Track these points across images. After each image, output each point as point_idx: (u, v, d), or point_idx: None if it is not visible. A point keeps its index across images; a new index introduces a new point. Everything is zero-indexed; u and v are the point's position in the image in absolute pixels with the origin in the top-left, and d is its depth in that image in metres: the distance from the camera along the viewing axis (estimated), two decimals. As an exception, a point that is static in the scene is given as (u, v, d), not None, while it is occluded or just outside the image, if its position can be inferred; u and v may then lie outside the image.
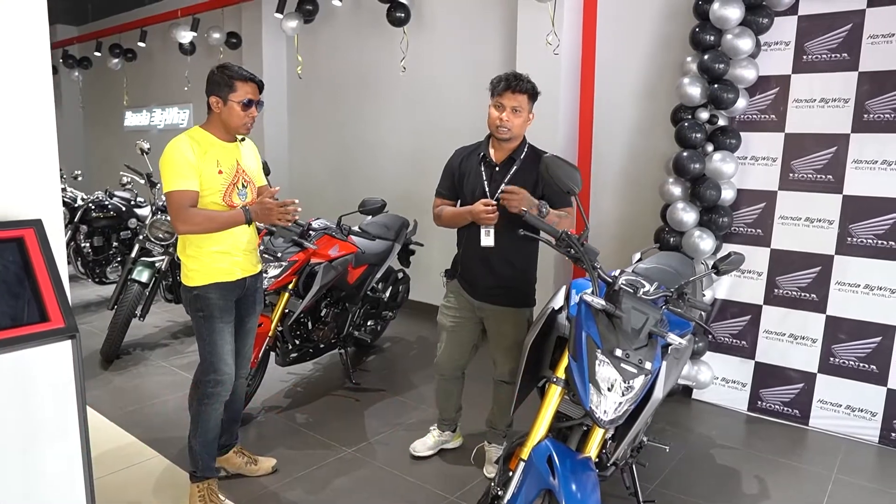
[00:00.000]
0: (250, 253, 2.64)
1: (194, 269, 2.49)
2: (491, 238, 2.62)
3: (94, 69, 9.27)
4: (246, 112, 2.47)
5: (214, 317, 2.50)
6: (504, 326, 2.76)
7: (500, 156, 2.69)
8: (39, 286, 1.72)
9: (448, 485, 2.87)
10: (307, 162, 6.64)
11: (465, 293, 2.82)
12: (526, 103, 2.61)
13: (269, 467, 2.93)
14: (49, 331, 1.68)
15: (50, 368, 1.73)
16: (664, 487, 2.86)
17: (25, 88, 1.81)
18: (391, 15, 5.15)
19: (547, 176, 2.02)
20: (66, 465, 1.82)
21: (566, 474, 1.81)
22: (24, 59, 1.81)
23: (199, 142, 2.43)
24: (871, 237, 3.33)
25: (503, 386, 2.85)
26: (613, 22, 4.32)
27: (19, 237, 1.75)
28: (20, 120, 1.80)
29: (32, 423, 1.78)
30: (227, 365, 2.55)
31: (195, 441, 2.59)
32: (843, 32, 3.37)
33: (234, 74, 2.44)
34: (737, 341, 3.70)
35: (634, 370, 1.84)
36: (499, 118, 2.59)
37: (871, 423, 3.32)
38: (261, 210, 2.45)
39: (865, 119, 3.33)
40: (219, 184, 2.44)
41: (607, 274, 2.07)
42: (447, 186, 2.83)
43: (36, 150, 1.84)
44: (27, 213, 1.81)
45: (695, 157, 3.54)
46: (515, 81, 2.57)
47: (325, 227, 3.65)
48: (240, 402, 2.88)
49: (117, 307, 4.30)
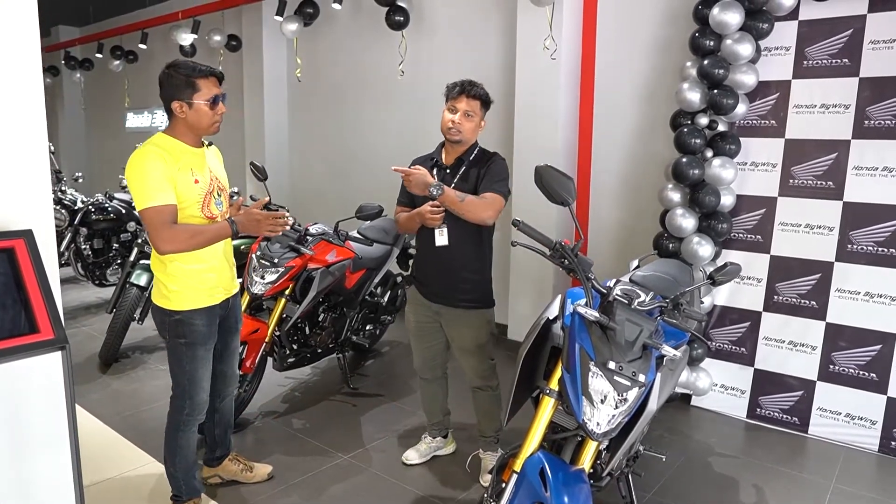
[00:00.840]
0: (230, 269, 2.51)
1: (176, 291, 2.29)
2: (445, 237, 2.68)
3: (96, 71, 9.28)
4: (214, 110, 2.28)
5: (198, 344, 2.34)
6: (462, 329, 2.79)
7: (450, 159, 2.77)
8: (29, 297, 1.72)
9: (443, 492, 2.86)
10: (307, 165, 6.64)
11: (422, 298, 2.85)
12: (479, 109, 2.70)
13: (264, 474, 2.91)
14: (39, 342, 1.68)
15: (40, 379, 1.72)
16: (661, 497, 2.85)
17: (16, 98, 1.81)
18: (390, 18, 5.14)
19: (540, 186, 2.01)
20: (57, 475, 1.81)
21: (558, 487, 1.79)
22: (15, 69, 1.80)
23: (168, 150, 2.21)
24: (872, 244, 3.31)
25: (478, 392, 2.89)
26: (613, 26, 4.30)
27: (10, 248, 1.74)
28: (11, 130, 1.80)
29: (23, 433, 1.78)
30: (204, 392, 2.44)
31: (177, 469, 2.51)
32: (844, 38, 3.35)
33: (193, 72, 2.22)
34: (736, 348, 3.68)
35: (628, 383, 1.83)
36: (451, 121, 2.66)
37: (871, 432, 3.29)
38: (249, 221, 2.31)
39: (866, 125, 3.31)
40: (196, 194, 2.25)
41: (602, 284, 2.06)
42: (405, 194, 2.87)
43: (27, 160, 1.84)
44: (18, 223, 1.81)
45: (694, 163, 3.52)
46: (470, 87, 2.67)
47: (322, 233, 3.64)
48: (230, 415, 2.83)
49: (116, 311, 4.30)
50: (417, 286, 2.88)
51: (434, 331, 2.88)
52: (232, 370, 2.70)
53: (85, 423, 3.35)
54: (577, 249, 1.99)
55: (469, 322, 2.77)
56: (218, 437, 2.79)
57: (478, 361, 2.81)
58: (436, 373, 2.99)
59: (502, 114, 4.85)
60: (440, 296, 2.79)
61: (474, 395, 2.91)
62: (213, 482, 2.85)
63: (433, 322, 2.86)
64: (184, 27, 6.82)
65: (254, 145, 6.75)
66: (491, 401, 2.89)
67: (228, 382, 2.70)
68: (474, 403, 2.94)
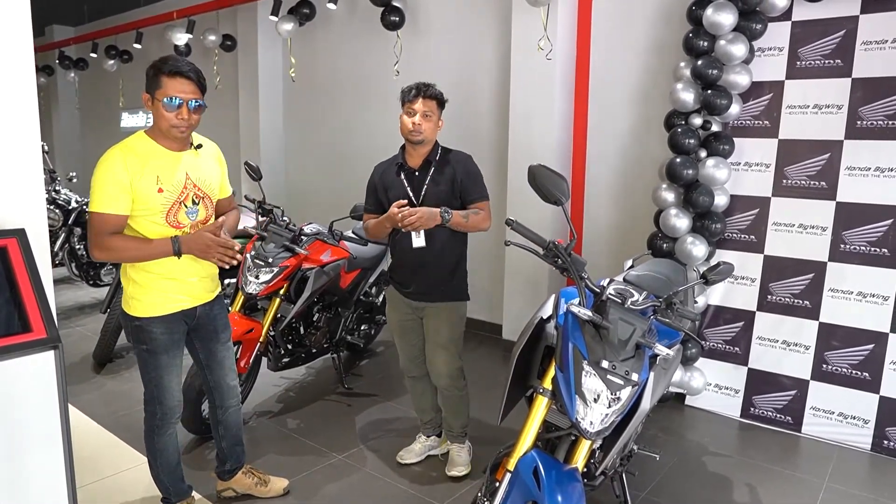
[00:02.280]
0: (205, 279, 2.37)
1: (136, 298, 2.23)
2: (422, 238, 2.72)
3: (91, 70, 9.26)
4: (173, 113, 2.11)
5: (159, 353, 2.27)
6: (440, 324, 2.83)
7: (416, 161, 2.81)
8: (22, 296, 1.71)
9: (437, 492, 2.86)
10: (302, 165, 6.64)
11: (402, 297, 2.88)
12: (435, 108, 2.76)
13: (280, 489, 2.81)
14: (31, 341, 1.67)
15: (32, 379, 1.72)
16: (655, 496, 2.86)
17: (8, 98, 1.80)
18: (385, 19, 5.14)
19: (533, 185, 2.01)
20: (50, 474, 1.81)
21: (552, 486, 1.79)
22: (8, 68, 1.79)
23: (137, 154, 2.12)
24: (865, 244, 3.33)
25: (445, 393, 2.94)
26: (607, 27, 4.31)
27: (2, 247, 1.74)
28: (3, 129, 1.79)
29: (16, 433, 1.77)
30: (173, 397, 2.37)
31: (161, 473, 2.48)
32: (837, 39, 3.36)
33: (162, 68, 2.11)
34: (730, 347, 3.69)
35: (621, 382, 1.83)
36: (412, 122, 2.72)
37: (864, 431, 3.31)
38: (196, 245, 2.17)
39: (859, 126, 3.32)
40: (159, 203, 2.15)
41: (595, 284, 2.06)
42: (372, 202, 2.91)
43: (19, 159, 1.83)
44: (10, 222, 1.80)
45: (688, 163, 3.53)
46: (425, 88, 2.75)
47: (316, 233, 3.64)
48: (237, 428, 2.70)
49: (110, 311, 4.28)
50: (397, 287, 2.91)
51: (416, 327, 2.93)
52: (226, 382, 2.57)
53: (78, 423, 3.34)
54: (570, 249, 1.99)
55: (447, 316, 2.83)
56: (226, 450, 2.70)
57: (449, 357, 2.85)
58: (422, 370, 3.01)
59: (497, 114, 4.86)
60: (421, 294, 2.83)
61: (442, 395, 2.98)
62: (226, 495, 2.78)
63: (414, 319, 2.91)
64: (179, 27, 6.80)
65: (248, 145, 6.74)
66: (458, 401, 2.96)
67: (226, 395, 2.59)
68: (442, 401, 3.01)
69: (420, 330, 2.93)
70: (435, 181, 2.78)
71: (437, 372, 2.89)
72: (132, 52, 8.02)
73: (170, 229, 2.20)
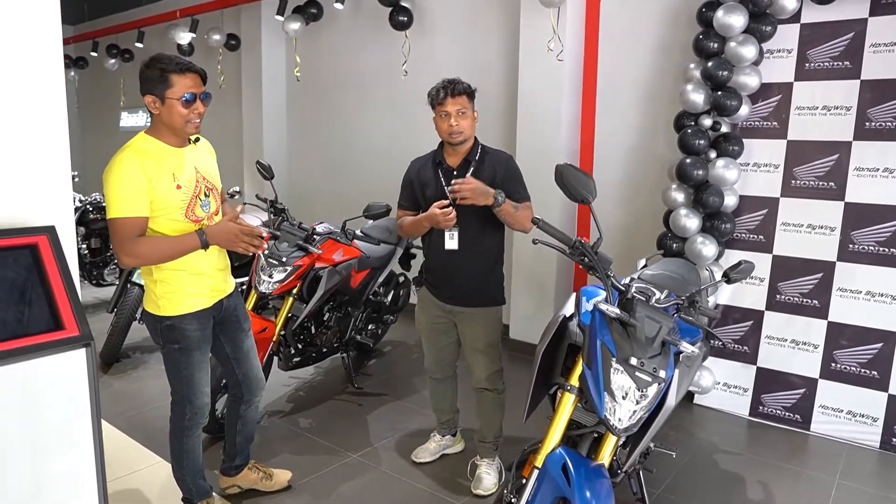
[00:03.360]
0: (224, 270, 2.41)
1: (165, 297, 2.23)
2: (455, 241, 2.65)
3: (91, 69, 9.21)
4: (189, 109, 2.15)
5: (192, 349, 2.28)
6: (477, 329, 2.76)
7: (456, 160, 2.73)
8: (53, 293, 1.71)
9: (456, 490, 2.87)
10: (306, 164, 6.63)
11: (434, 299, 2.82)
12: (467, 103, 2.65)
13: (284, 481, 2.83)
14: (64, 339, 1.67)
15: (65, 377, 1.72)
16: (670, 493, 2.88)
17: (38, 95, 1.80)
18: (394, 19, 5.15)
19: (560, 184, 2.02)
20: (80, 473, 1.81)
21: (581, 482, 1.81)
22: (37, 65, 1.80)
23: (150, 154, 2.13)
24: (873, 244, 3.36)
25: (484, 393, 2.82)
26: (615, 28, 4.34)
27: (33, 244, 1.73)
28: (33, 127, 1.79)
29: (47, 432, 1.77)
30: (204, 395, 2.38)
31: (183, 472, 2.47)
32: (846, 41, 3.40)
33: (168, 66, 2.12)
34: (739, 346, 3.72)
35: (649, 378, 1.85)
36: (449, 125, 2.62)
37: (873, 429, 3.34)
38: (223, 234, 2.18)
39: (867, 127, 3.36)
40: (178, 200, 2.17)
41: (619, 281, 2.08)
42: (407, 198, 2.85)
43: (48, 157, 1.83)
44: (40, 219, 1.80)
45: (698, 164, 3.56)
46: (451, 86, 2.63)
47: (329, 232, 3.64)
48: (254, 424, 2.71)
49: (117, 310, 4.27)
50: (430, 289, 2.84)
51: (447, 329, 2.86)
52: (254, 372, 2.58)
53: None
54: (597, 247, 2.01)
55: (482, 321, 2.76)
56: (240, 446, 2.70)
57: (488, 362, 2.78)
58: (446, 372, 2.98)
59: (505, 114, 4.88)
60: (455, 298, 2.76)
61: (479, 398, 2.86)
62: (230, 492, 2.77)
63: (446, 321, 2.84)
64: (182, 26, 6.78)
65: (251, 145, 6.73)
66: (495, 404, 2.84)
67: (254, 387, 2.60)
68: (477, 406, 2.88)
69: (450, 333, 2.87)
70: None
71: (476, 376, 2.80)
72: (133, 51, 7.99)
73: (189, 224, 2.21)
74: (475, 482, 2.85)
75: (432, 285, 2.83)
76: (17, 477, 1.74)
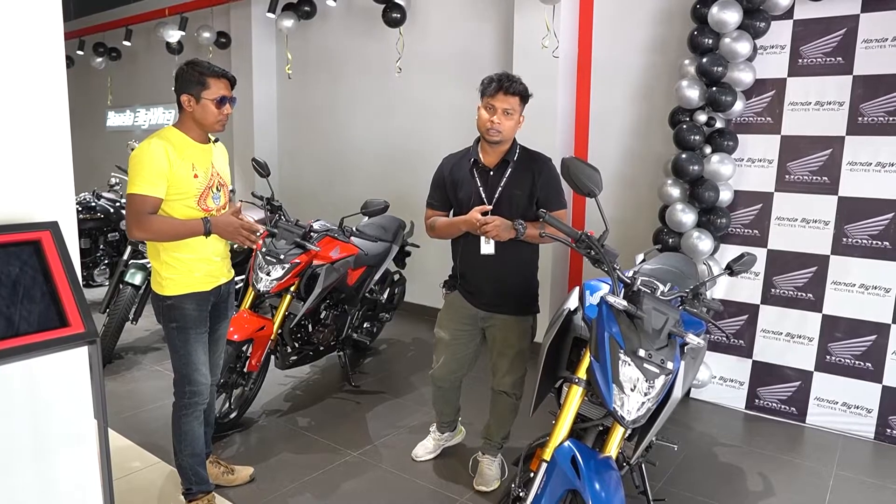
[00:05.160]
0: (224, 259, 2.59)
1: (169, 278, 2.41)
2: (491, 245, 2.55)
3: (77, 68, 9.07)
4: (220, 110, 2.41)
5: (189, 328, 2.44)
6: (510, 336, 2.68)
7: (493, 160, 2.60)
8: (58, 290, 1.68)
9: (458, 486, 2.86)
10: (297, 163, 6.59)
11: (468, 304, 2.72)
12: (518, 105, 2.52)
13: (246, 476, 2.86)
14: (69, 336, 1.63)
15: (70, 374, 1.69)
16: (671, 485, 2.89)
17: (39, 90, 1.77)
18: (387, 16, 5.12)
19: (567, 177, 2.03)
20: (86, 472, 1.78)
21: (591, 475, 1.82)
22: (38, 60, 1.76)
23: (174, 144, 2.35)
24: (866, 237, 3.41)
25: (503, 397, 2.76)
26: (609, 24, 4.35)
27: (36, 239, 1.70)
28: (34, 121, 1.76)
29: (51, 430, 1.74)
30: (202, 375, 2.51)
31: (184, 457, 2.54)
32: (838, 37, 3.44)
33: (206, 71, 2.37)
34: (735, 340, 3.75)
35: (657, 370, 1.86)
36: (490, 120, 2.48)
37: (867, 420, 3.39)
38: (225, 226, 2.42)
39: (860, 122, 3.40)
40: (194, 188, 2.38)
41: (624, 274, 2.09)
42: (438, 197, 2.73)
43: (50, 152, 1.80)
44: (43, 215, 1.77)
45: (694, 159, 3.58)
46: (508, 82, 2.47)
47: (326, 229, 3.62)
48: (211, 410, 2.80)
49: (110, 311, 4.22)
50: (465, 295, 2.73)
51: (469, 340, 2.77)
52: (217, 357, 2.72)
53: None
54: (603, 240, 2.02)
55: (518, 329, 2.69)
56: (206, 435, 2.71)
57: (515, 368, 2.70)
58: (455, 383, 2.89)
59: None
60: (491, 304, 2.66)
61: (496, 399, 2.79)
62: None
63: (471, 329, 2.75)
64: (171, 24, 6.71)
65: (242, 143, 6.68)
66: (511, 408, 2.78)
67: (216, 371, 2.72)
68: (493, 407, 2.82)
69: (471, 343, 2.77)
70: (511, 184, 2.56)
71: (500, 380, 2.72)
72: (121, 49, 7.89)
73: (199, 212, 2.42)
74: (477, 477, 2.85)
75: (468, 291, 2.71)
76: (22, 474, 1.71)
